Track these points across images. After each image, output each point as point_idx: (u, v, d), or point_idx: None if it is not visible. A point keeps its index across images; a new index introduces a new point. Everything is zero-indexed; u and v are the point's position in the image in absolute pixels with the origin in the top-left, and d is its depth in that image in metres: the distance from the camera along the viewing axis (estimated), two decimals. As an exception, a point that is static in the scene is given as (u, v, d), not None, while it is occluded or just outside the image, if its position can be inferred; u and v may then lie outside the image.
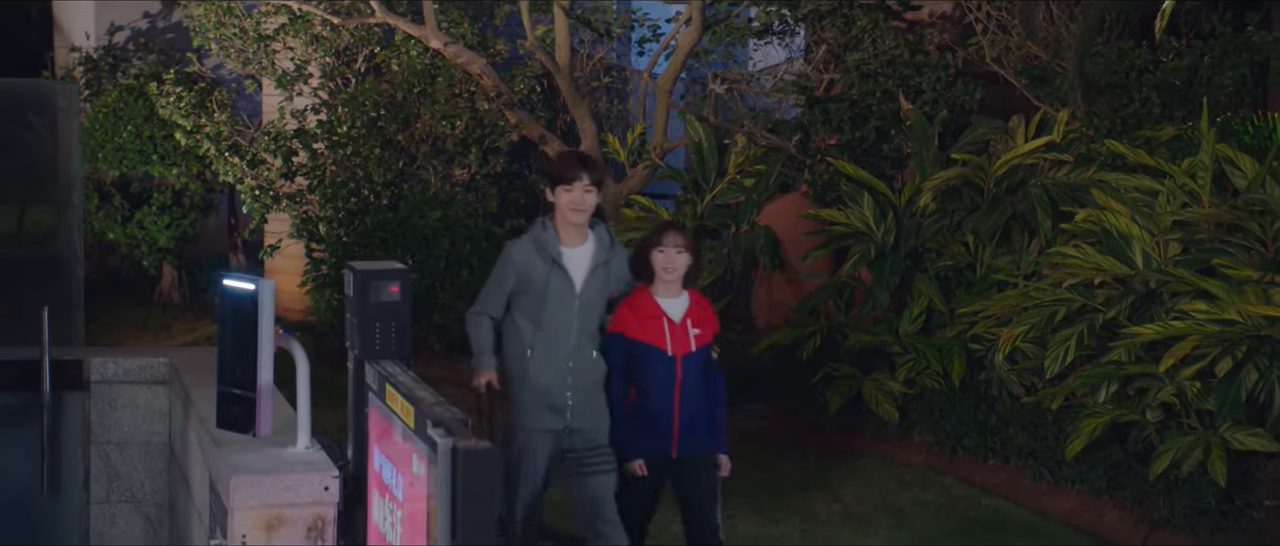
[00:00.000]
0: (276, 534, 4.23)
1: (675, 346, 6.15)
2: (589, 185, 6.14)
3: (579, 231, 6.19)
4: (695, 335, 6.18)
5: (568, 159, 6.46)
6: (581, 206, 6.15)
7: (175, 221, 14.10)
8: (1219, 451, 7.28)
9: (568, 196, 6.17)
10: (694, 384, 6.18)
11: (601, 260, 6.22)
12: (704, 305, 6.31)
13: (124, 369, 6.05)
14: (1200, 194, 8.00)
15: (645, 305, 6.19)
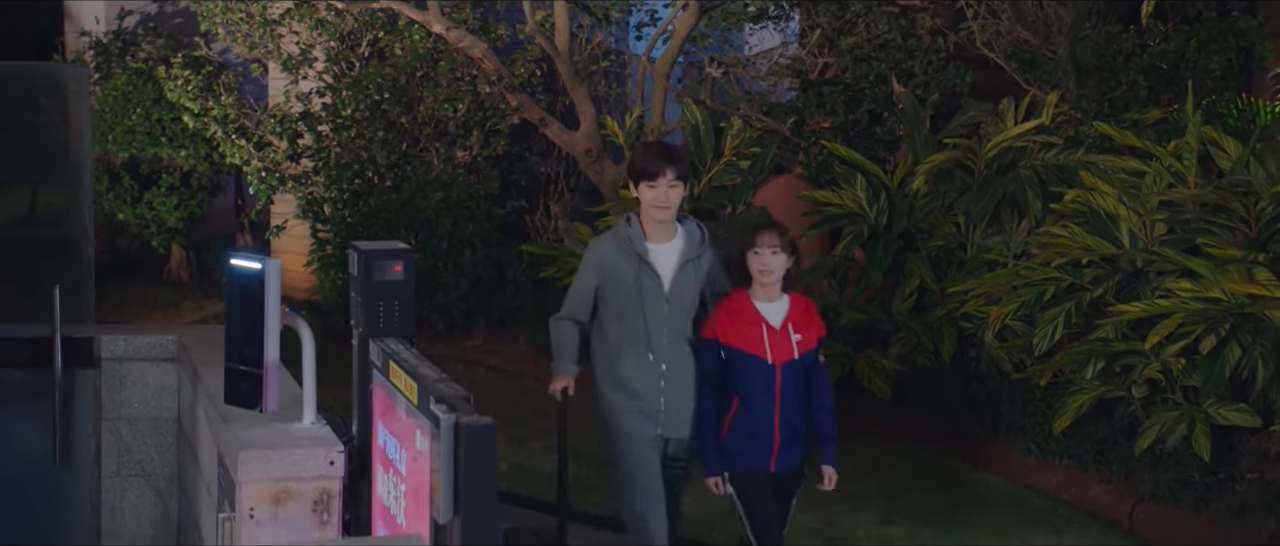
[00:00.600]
0: (283, 507, 4.23)
1: (775, 353, 5.64)
2: (674, 180, 5.69)
3: (666, 227, 5.77)
4: (797, 341, 5.66)
5: (651, 153, 5.88)
6: (666, 203, 5.71)
7: (183, 202, 14.10)
8: (1203, 426, 7.29)
9: (652, 193, 5.72)
10: (795, 393, 5.69)
11: (691, 256, 5.80)
12: (807, 309, 5.79)
13: (134, 346, 6.05)
14: (1186, 175, 8.00)
15: (743, 310, 5.67)
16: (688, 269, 5.76)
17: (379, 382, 4.40)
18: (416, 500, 3.92)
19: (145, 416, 6.06)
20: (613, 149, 12.33)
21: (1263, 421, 7.33)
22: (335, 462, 4.29)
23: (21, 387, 6.04)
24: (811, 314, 5.75)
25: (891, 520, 7.64)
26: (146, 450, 6.05)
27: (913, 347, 9.07)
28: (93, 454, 6.00)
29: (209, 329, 6.00)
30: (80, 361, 5.95)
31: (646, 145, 6.53)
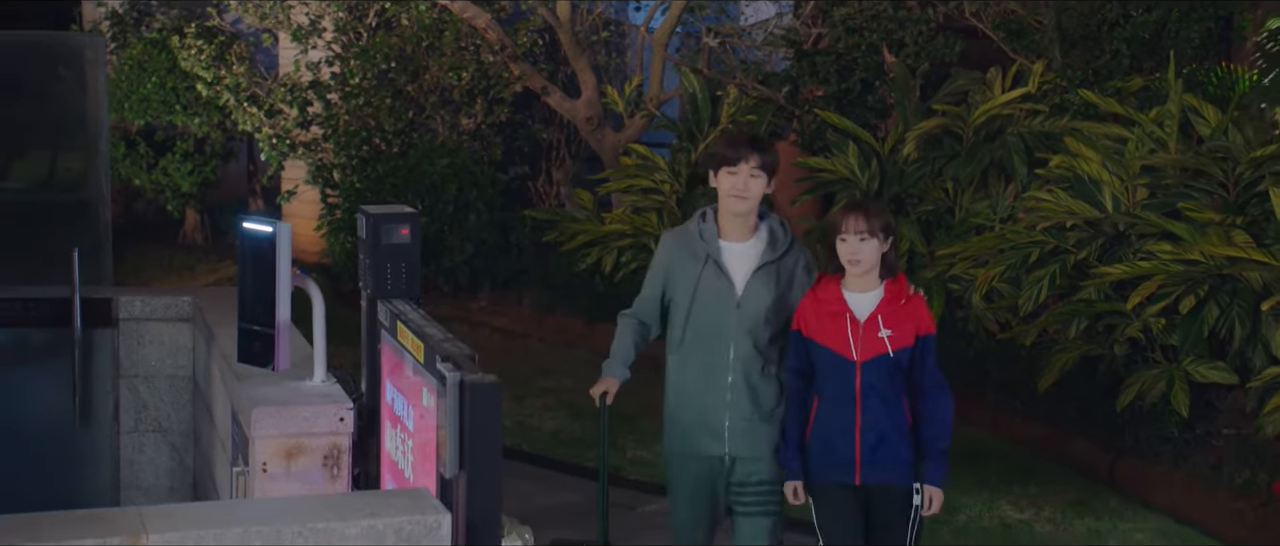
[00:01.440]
0: (295, 462, 4.24)
1: (859, 349, 4.78)
2: (757, 169, 4.92)
3: (744, 223, 4.99)
4: (886, 336, 4.77)
5: (734, 138, 5.22)
6: (745, 193, 4.93)
7: (197, 168, 14.08)
8: (1182, 384, 7.30)
9: (731, 180, 4.95)
10: (882, 396, 4.80)
11: (771, 258, 4.99)
12: (909, 300, 4.84)
13: (151, 307, 6.05)
14: (1167, 141, 7.99)
15: (828, 299, 4.84)
16: (766, 273, 4.98)
17: (387, 342, 4.40)
18: (423, 455, 3.93)
19: (162, 374, 6.06)
20: (613, 117, 12.31)
21: (1239, 379, 7.35)
22: (345, 419, 4.30)
23: (43, 347, 6.04)
24: (913, 307, 4.83)
25: (881, 474, 7.66)
26: (163, 407, 6.06)
27: (902, 308, 9.07)
28: (112, 410, 6.01)
29: (222, 290, 6.00)
30: (99, 321, 5.95)
31: (729, 132, 5.70)
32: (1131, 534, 6.88)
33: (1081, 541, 6.82)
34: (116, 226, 7.77)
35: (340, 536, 3.25)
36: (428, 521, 3.33)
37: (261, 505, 3.76)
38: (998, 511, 7.17)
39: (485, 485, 3.44)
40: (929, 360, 4.87)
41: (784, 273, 5.00)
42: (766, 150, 4.98)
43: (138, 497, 5.95)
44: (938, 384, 4.90)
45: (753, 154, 4.91)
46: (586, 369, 9.56)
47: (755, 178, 4.92)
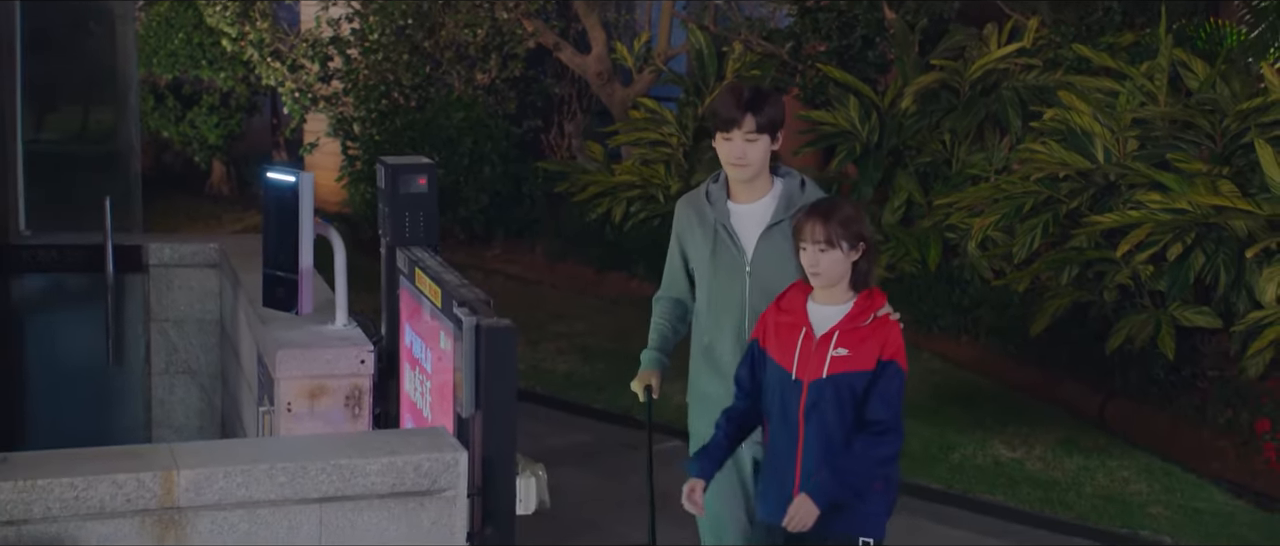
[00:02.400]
0: (318, 402, 4.26)
1: (803, 368, 3.93)
2: (752, 132, 4.23)
3: (753, 186, 4.33)
4: (838, 356, 3.90)
5: (727, 98, 4.33)
6: (743, 160, 4.27)
7: (223, 121, 14.07)
8: (1169, 328, 7.30)
9: (727, 147, 4.28)
10: (829, 425, 3.92)
11: (781, 217, 4.29)
12: (877, 321, 3.94)
13: (179, 253, 6.06)
14: (1157, 94, 7.95)
15: (790, 309, 4.03)
16: (775, 234, 4.28)
17: (405, 288, 4.41)
18: (441, 396, 3.94)
19: (190, 318, 6.08)
20: (622, 72, 12.26)
21: (1223, 323, 7.35)
22: (365, 361, 4.31)
23: (77, 291, 6.06)
24: (880, 329, 3.93)
25: (879, 415, 7.67)
26: (192, 349, 6.08)
27: (901, 257, 9.07)
28: (143, 352, 6.03)
29: (248, 238, 6.00)
30: (130, 267, 5.96)
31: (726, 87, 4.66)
32: (1119, 471, 6.90)
33: (1071, 478, 6.85)
34: (146, 177, 7.77)
35: (362, 472, 3.27)
36: (445, 458, 3.35)
37: (287, 443, 3.78)
38: (990, 450, 7.20)
39: (500, 424, 3.45)
40: (885, 390, 3.90)
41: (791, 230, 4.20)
42: (763, 108, 4.25)
43: (169, 435, 5.99)
44: (884, 423, 3.89)
45: (747, 115, 4.23)
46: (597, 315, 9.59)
47: (752, 141, 4.25)
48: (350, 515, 3.28)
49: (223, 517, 3.16)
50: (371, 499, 3.29)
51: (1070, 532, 6.37)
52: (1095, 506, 6.53)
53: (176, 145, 14.52)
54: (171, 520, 3.12)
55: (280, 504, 3.20)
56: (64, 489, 3.02)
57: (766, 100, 4.31)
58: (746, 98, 4.29)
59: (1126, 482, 6.78)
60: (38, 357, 6.08)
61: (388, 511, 3.30)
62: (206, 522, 3.15)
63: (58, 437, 5.74)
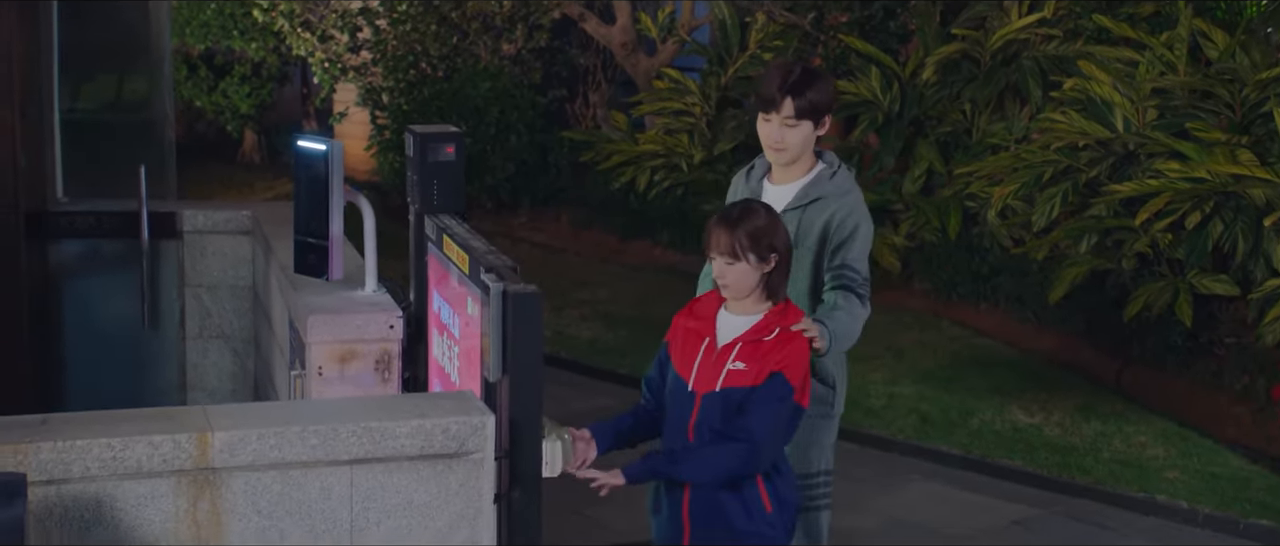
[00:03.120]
0: (348, 366, 4.27)
1: (700, 379, 3.69)
2: (791, 117, 4.02)
3: (791, 169, 4.14)
4: (734, 370, 3.64)
5: (770, 76, 4.10)
6: (780, 144, 4.06)
7: (254, 91, 14.09)
8: (1186, 295, 7.26)
9: (765, 129, 4.10)
10: (707, 439, 3.67)
11: (800, 202, 4.08)
12: (781, 336, 3.65)
13: (212, 220, 6.08)
14: (1177, 64, 7.88)
15: (702, 313, 3.78)
16: (790, 219, 4.01)
17: (433, 254, 4.41)
18: (468, 361, 3.95)
19: (224, 284, 6.10)
20: (646, 42, 12.22)
21: (1241, 291, 7.31)
22: (394, 326, 4.32)
23: (114, 257, 6.09)
24: (783, 345, 3.63)
25: (899, 381, 7.68)
26: (225, 314, 6.10)
27: (921, 225, 9.03)
28: (177, 317, 6.06)
29: (279, 205, 6.01)
30: (164, 233, 5.98)
31: (775, 63, 4.39)
32: (1135, 436, 6.88)
33: (1088, 443, 6.83)
34: (179, 145, 7.79)
35: (392, 435, 3.28)
36: (473, 421, 3.36)
37: (318, 405, 3.79)
38: (1009, 415, 7.18)
39: (526, 388, 3.46)
40: (761, 398, 3.58)
41: (806, 225, 4.05)
42: (805, 92, 3.99)
43: (202, 398, 6.02)
44: (746, 431, 3.57)
45: (787, 99, 3.99)
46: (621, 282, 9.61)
47: (791, 126, 4.02)
48: (380, 476, 3.29)
49: (256, 478, 3.18)
50: (401, 461, 3.30)
51: (1088, 496, 6.36)
52: (1112, 471, 6.51)
53: (209, 114, 14.55)
54: (206, 480, 3.14)
55: (312, 465, 3.22)
56: (102, 449, 3.04)
57: (811, 83, 4.04)
58: (790, 79, 4.03)
59: (1143, 447, 6.76)
60: (75, 321, 6.11)
61: (417, 473, 3.32)
62: (240, 482, 3.17)
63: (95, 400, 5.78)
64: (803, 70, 4.10)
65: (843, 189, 4.10)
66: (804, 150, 4.10)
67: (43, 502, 3.00)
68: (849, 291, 4.03)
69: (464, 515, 3.35)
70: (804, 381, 3.65)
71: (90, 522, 3.05)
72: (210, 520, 3.15)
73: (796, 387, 3.62)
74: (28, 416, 3.20)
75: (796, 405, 3.63)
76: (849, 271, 4.05)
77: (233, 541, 3.18)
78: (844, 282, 4.04)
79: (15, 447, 2.97)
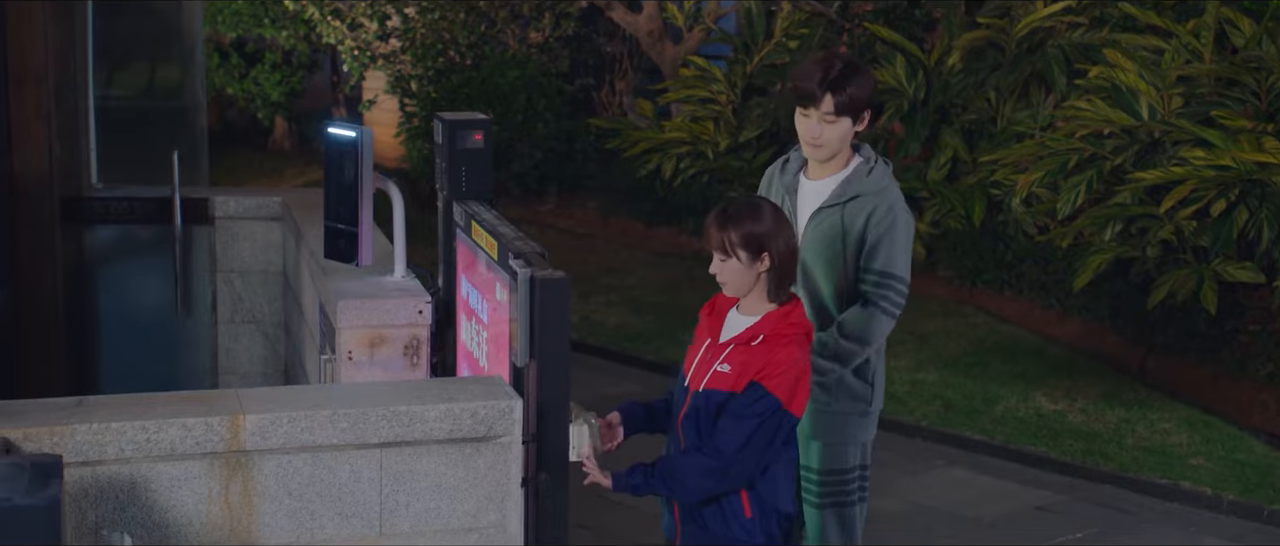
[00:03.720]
0: (377, 351, 4.29)
1: (696, 376, 3.62)
2: (830, 114, 3.89)
3: (827, 164, 4.02)
4: (719, 371, 3.53)
5: (809, 70, 3.95)
6: (818, 140, 3.94)
7: (285, 78, 14.13)
8: (1211, 283, 7.22)
9: (804, 124, 3.97)
10: (691, 443, 3.58)
11: (831, 202, 3.97)
12: (768, 341, 3.50)
13: (244, 206, 6.10)
14: (1202, 52, 7.82)
15: (720, 309, 3.69)
16: (822, 219, 3.95)
17: (462, 241, 4.42)
18: (497, 346, 3.96)
19: (255, 269, 6.13)
20: (672, 31, 12.19)
21: (1266, 278, 7.25)
22: (423, 312, 4.33)
23: (147, 242, 6.12)
24: (768, 351, 3.49)
25: (923, 367, 7.66)
26: (256, 299, 6.13)
27: (946, 213, 9.00)
28: (209, 302, 6.10)
29: (309, 192, 6.04)
30: (197, 219, 6.01)
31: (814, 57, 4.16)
32: (1160, 423, 6.85)
33: (1112, 430, 6.80)
34: (211, 132, 7.83)
35: (421, 419, 3.29)
36: (501, 406, 3.37)
37: (348, 389, 3.81)
38: (1032, 402, 7.16)
39: (554, 373, 3.46)
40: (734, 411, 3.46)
41: (844, 221, 3.95)
42: (845, 88, 3.87)
43: (234, 382, 6.05)
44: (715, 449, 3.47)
45: (827, 95, 3.87)
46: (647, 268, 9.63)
47: (829, 122, 3.90)
48: (409, 460, 3.30)
49: (287, 460, 3.20)
50: (430, 444, 3.31)
51: (1111, 483, 6.34)
52: (1136, 457, 6.48)
53: (240, 102, 14.60)
54: (238, 462, 3.16)
55: (342, 448, 3.24)
56: (136, 431, 3.06)
57: (851, 78, 3.90)
58: (830, 75, 3.89)
59: (1167, 434, 6.73)
60: (109, 306, 6.15)
61: (445, 456, 3.33)
62: (271, 465, 3.19)
63: (128, 383, 5.83)
64: (843, 65, 3.97)
65: (880, 185, 3.99)
66: (842, 146, 3.99)
67: (78, 483, 3.03)
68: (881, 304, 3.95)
69: (492, 498, 3.37)
70: (793, 389, 3.48)
71: (125, 503, 3.08)
72: (242, 501, 3.17)
73: (782, 398, 3.45)
74: (63, 399, 3.23)
75: (781, 415, 3.47)
76: (883, 278, 3.95)
77: (264, 523, 3.20)
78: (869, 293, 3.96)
79: (51, 430, 2.99)
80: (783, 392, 3.48)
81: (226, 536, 3.17)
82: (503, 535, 3.39)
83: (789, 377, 3.49)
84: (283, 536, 3.21)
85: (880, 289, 3.97)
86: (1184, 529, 5.94)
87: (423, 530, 3.32)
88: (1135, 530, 5.92)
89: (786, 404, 3.49)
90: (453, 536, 3.35)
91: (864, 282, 3.99)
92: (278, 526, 3.20)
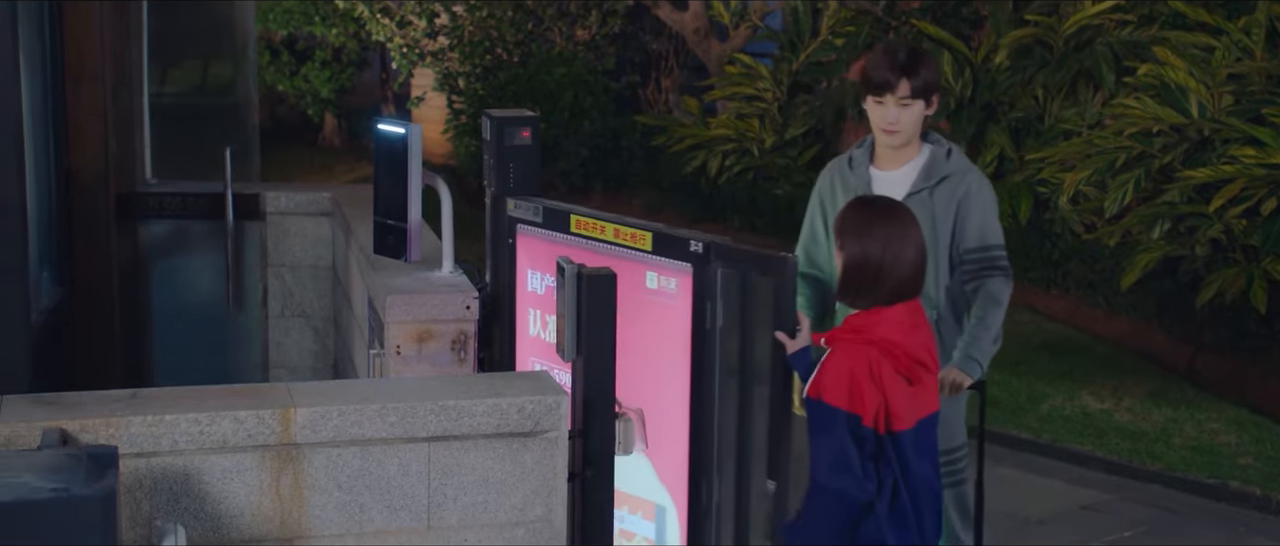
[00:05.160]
0: (426, 346, 4.30)
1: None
2: (907, 97, 3.99)
3: (900, 152, 4.09)
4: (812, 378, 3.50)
5: (882, 59, 4.08)
6: (895, 126, 4.02)
7: (335, 75, 14.22)
8: (1261, 282, 7.13)
9: (878, 111, 4.05)
10: None
11: (923, 186, 4.04)
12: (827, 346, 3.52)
13: (294, 202, 6.14)
14: (1254, 49, 7.73)
15: None
16: (916, 204, 3.94)
17: (532, 235, 4.41)
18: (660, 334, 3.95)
19: (305, 264, 6.17)
20: (718, 28, 12.17)
21: (1317, 279, 7.16)
22: (471, 307, 4.34)
23: (200, 237, 6.17)
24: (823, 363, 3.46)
25: (968, 365, 7.60)
26: (306, 294, 6.17)
27: (992, 210, 8.94)
28: (260, 296, 6.14)
29: (359, 188, 6.06)
30: (248, 215, 6.05)
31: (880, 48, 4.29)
32: (1207, 422, 6.77)
33: (1159, 429, 6.73)
34: (262, 129, 7.89)
35: (469, 413, 3.30)
36: (548, 401, 3.37)
37: (397, 384, 3.83)
38: (1079, 401, 7.10)
39: (600, 368, 3.47)
40: (810, 434, 3.43)
41: (940, 202, 4.01)
42: (918, 71, 3.99)
43: (284, 376, 6.09)
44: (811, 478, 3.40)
45: (903, 79, 3.97)
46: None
47: (906, 106, 3.99)
48: (457, 454, 3.31)
49: (337, 454, 3.22)
50: (477, 439, 3.32)
51: (1159, 482, 6.27)
52: (1184, 457, 6.42)
53: (291, 99, 14.71)
54: (289, 455, 3.18)
55: (391, 442, 3.25)
56: (189, 424, 3.09)
57: (922, 62, 4.05)
58: (902, 59, 4.02)
59: (1215, 434, 6.65)
60: (163, 299, 6.21)
61: (492, 451, 3.34)
62: (321, 458, 3.21)
63: (181, 376, 5.88)
64: (909, 51, 4.10)
65: (964, 166, 4.09)
66: (915, 131, 4.06)
67: (133, 474, 3.06)
68: (996, 276, 4.05)
69: (538, 492, 3.37)
70: (852, 391, 3.38)
71: (178, 494, 3.11)
72: (293, 494, 3.20)
73: (841, 406, 3.38)
74: (119, 391, 3.26)
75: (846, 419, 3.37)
76: (990, 252, 4.07)
77: (314, 514, 3.22)
78: (986, 267, 4.05)
79: (107, 421, 3.03)
80: (841, 400, 3.40)
81: (277, 528, 3.19)
82: (549, 529, 3.40)
83: (844, 382, 3.40)
84: (332, 528, 3.23)
85: (995, 260, 4.07)
86: (1232, 529, 5.88)
87: (470, 523, 3.33)
88: (1182, 530, 5.86)
89: (850, 406, 3.39)
90: (499, 530, 3.36)
91: (968, 263, 4.06)
92: (327, 518, 3.23)
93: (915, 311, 3.51)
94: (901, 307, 3.47)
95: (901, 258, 3.45)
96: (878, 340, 3.43)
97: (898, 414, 3.40)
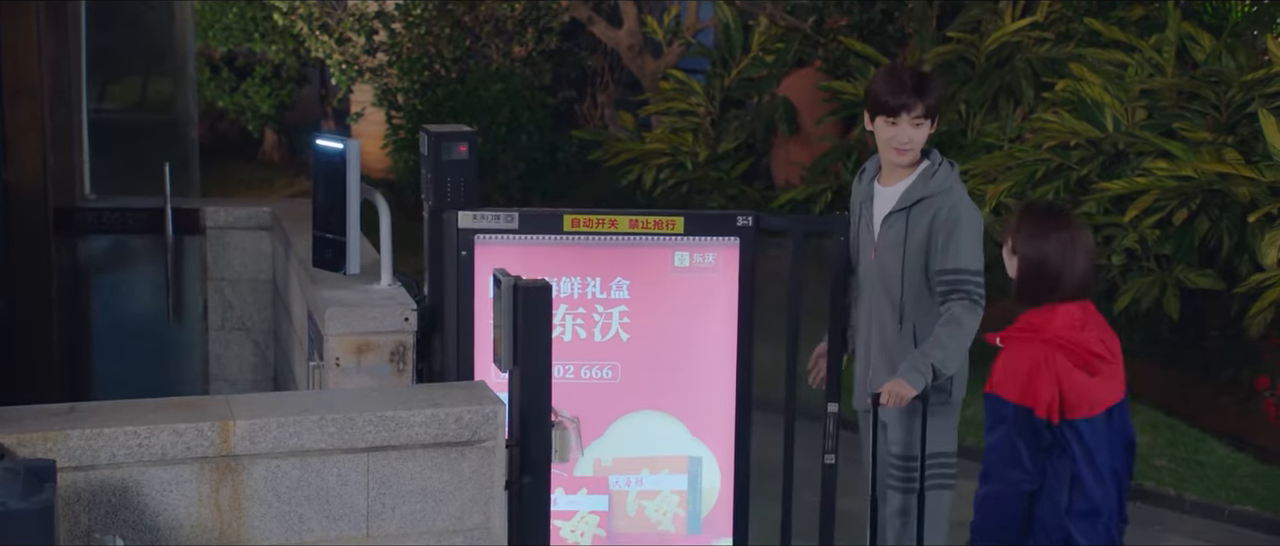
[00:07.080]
0: (365, 357, 4.28)
1: None
2: (919, 117, 4.04)
3: (904, 170, 4.14)
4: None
5: (894, 81, 4.11)
6: (908, 145, 4.07)
7: (275, 91, 14.10)
8: (1174, 290, 7.25)
9: (890, 131, 4.08)
10: None
11: (901, 205, 4.09)
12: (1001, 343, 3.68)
13: (234, 216, 6.08)
14: (1165, 66, 7.87)
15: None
16: (895, 220, 4.08)
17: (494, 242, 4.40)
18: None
19: (245, 278, 6.11)
20: (652, 45, 12.22)
21: (1227, 285, 7.29)
22: (409, 319, 4.32)
23: (140, 252, 6.10)
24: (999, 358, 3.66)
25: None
26: (246, 307, 6.11)
27: (917, 221, 9.03)
28: (201, 310, 6.07)
29: (298, 202, 6.01)
30: (188, 229, 5.99)
31: (890, 69, 4.32)
32: (1124, 426, 6.87)
33: (1078, 433, 6.82)
34: (202, 144, 7.80)
35: (407, 423, 3.29)
36: (485, 411, 3.36)
37: (335, 395, 3.80)
38: (1002, 405, 7.17)
39: (536, 378, 3.46)
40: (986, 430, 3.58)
41: (914, 221, 4.07)
42: (930, 92, 4.06)
43: (224, 388, 6.03)
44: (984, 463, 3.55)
45: (917, 101, 4.02)
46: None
47: (918, 126, 4.05)
48: (395, 463, 3.30)
49: (276, 465, 3.19)
50: (415, 448, 3.31)
51: (1077, 484, 6.35)
52: (1101, 459, 6.50)
53: (231, 115, 14.57)
54: (228, 467, 3.15)
55: (330, 452, 3.23)
56: (128, 437, 3.05)
57: (931, 83, 4.13)
58: (915, 82, 4.07)
59: (1131, 437, 6.75)
60: (102, 314, 6.13)
61: (431, 460, 3.32)
62: (261, 469, 3.18)
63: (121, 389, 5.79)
64: (915, 73, 4.17)
65: (944, 185, 4.11)
66: (919, 151, 4.15)
67: (71, 488, 3.01)
68: (959, 300, 4.08)
69: (476, 501, 3.36)
70: (1024, 385, 3.46)
71: (117, 506, 3.06)
72: (232, 505, 3.16)
73: (1013, 399, 3.46)
74: (57, 405, 3.21)
75: (1017, 413, 3.45)
76: (959, 275, 4.08)
77: (253, 525, 3.19)
78: (952, 290, 4.09)
79: (45, 435, 2.98)
80: (1014, 393, 3.46)
81: (216, 539, 3.15)
82: (487, 536, 3.39)
83: (1019, 375, 3.48)
84: (271, 538, 3.20)
85: (961, 284, 4.09)
86: (1148, 528, 5.96)
87: (409, 532, 3.32)
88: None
89: (1021, 398, 3.44)
90: (438, 538, 3.35)
91: (940, 284, 4.10)
92: (266, 529, 3.20)
93: (1087, 309, 3.61)
94: (1073, 305, 3.56)
95: (1075, 261, 3.56)
96: (1051, 336, 3.51)
97: (1074, 404, 3.47)
